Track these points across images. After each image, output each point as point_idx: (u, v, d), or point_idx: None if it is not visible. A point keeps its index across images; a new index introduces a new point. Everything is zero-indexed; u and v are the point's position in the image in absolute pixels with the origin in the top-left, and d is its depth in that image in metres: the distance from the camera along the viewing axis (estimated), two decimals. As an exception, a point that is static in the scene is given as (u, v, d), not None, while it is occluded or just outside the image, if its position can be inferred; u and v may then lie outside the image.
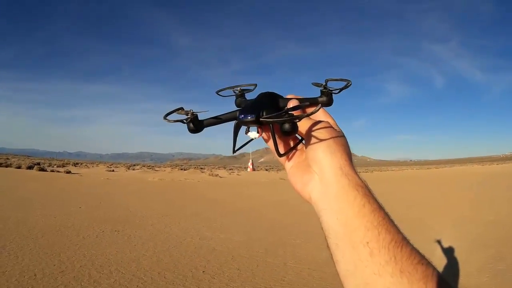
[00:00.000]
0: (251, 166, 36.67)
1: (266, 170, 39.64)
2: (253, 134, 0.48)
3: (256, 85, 0.58)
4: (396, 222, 0.40)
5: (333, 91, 0.52)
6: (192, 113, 0.47)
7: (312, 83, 0.54)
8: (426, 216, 7.57)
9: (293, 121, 0.43)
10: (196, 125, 0.48)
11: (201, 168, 34.17)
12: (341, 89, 0.52)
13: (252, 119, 0.45)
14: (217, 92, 0.59)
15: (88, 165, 31.43)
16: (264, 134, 0.49)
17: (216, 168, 37.62)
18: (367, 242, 0.37)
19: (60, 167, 22.58)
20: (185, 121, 0.47)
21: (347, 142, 0.46)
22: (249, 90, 0.58)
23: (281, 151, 0.48)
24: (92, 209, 7.40)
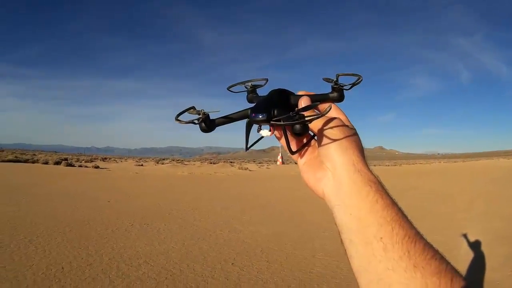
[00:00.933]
0: (280, 160, 37.27)
1: (295, 163, 39.67)
2: (265, 132, 0.49)
3: (267, 79, 0.59)
4: (409, 218, 0.40)
5: (344, 87, 0.51)
6: (204, 113, 0.47)
7: (323, 79, 0.53)
8: (452, 211, 7.55)
9: (305, 123, 0.44)
10: (208, 124, 0.48)
11: (231, 162, 34.56)
12: (352, 85, 0.51)
13: (263, 118, 0.45)
14: (228, 88, 0.59)
15: (116, 160, 32.70)
16: (276, 132, 0.51)
17: (245, 162, 37.90)
18: (381, 238, 0.37)
19: (88, 162, 23.63)
20: (196, 121, 0.47)
21: (359, 138, 0.47)
22: (260, 86, 0.59)
23: (294, 148, 0.50)
24: (121, 203, 7.63)
